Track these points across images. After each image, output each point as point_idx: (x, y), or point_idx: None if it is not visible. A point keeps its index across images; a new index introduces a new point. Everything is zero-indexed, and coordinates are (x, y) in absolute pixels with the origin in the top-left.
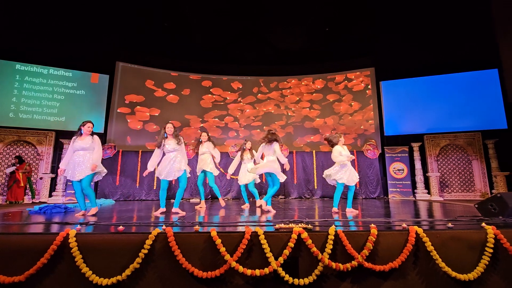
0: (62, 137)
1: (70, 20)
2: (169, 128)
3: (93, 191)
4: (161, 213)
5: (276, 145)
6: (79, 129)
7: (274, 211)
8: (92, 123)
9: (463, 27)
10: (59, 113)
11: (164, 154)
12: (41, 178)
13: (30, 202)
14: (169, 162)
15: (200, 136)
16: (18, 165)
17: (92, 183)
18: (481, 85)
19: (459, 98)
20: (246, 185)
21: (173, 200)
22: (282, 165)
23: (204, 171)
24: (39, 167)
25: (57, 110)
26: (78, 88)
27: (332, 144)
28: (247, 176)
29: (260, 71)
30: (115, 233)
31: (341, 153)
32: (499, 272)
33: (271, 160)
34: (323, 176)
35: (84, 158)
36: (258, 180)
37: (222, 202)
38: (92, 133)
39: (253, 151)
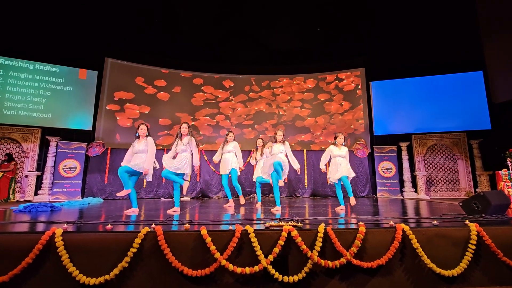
0: (48, 134)
1: (57, 14)
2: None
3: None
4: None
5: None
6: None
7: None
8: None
9: (450, 31)
10: (46, 109)
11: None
12: (26, 176)
13: (15, 200)
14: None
15: (227, 135)
16: (6, 163)
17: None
18: (467, 86)
19: (446, 99)
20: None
21: (163, 199)
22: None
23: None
24: (24, 164)
25: (43, 106)
26: (65, 84)
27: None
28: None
29: (252, 70)
30: (103, 232)
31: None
32: (481, 268)
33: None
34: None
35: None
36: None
37: (242, 200)
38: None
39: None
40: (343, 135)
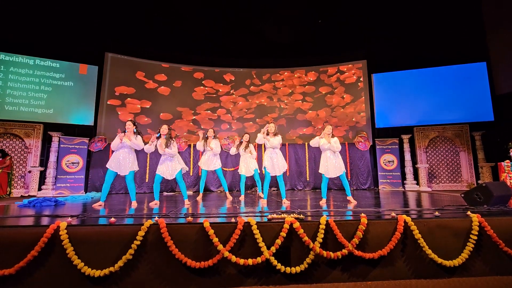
0: (50, 129)
1: (56, 9)
2: (164, 129)
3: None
4: (155, 204)
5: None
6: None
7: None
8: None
9: (453, 21)
10: (47, 105)
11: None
12: (29, 172)
13: (19, 196)
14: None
15: (207, 133)
16: (1, 159)
17: None
18: (470, 78)
19: (448, 90)
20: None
21: (166, 193)
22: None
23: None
24: (27, 160)
25: (44, 102)
26: (66, 80)
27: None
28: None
29: (253, 63)
30: (107, 225)
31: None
32: (482, 258)
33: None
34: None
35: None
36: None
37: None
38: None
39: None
40: (331, 126)
